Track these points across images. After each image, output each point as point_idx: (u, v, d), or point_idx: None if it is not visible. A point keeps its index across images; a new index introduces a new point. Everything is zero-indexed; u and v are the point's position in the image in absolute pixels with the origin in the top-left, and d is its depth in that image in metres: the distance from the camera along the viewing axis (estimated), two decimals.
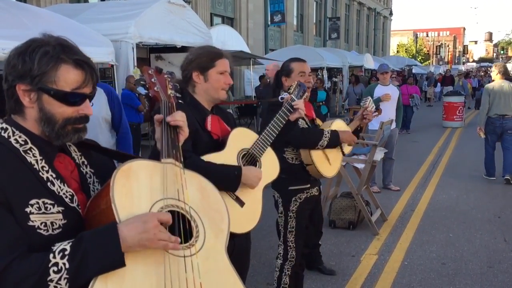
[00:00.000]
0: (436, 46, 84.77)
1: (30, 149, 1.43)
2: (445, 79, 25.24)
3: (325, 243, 4.88)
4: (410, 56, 61.13)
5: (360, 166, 6.01)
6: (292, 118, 2.69)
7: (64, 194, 1.45)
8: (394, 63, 30.46)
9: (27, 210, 1.35)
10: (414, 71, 33.34)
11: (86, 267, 1.30)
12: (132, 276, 1.37)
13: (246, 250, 2.65)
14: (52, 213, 1.40)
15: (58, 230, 1.40)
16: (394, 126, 7.25)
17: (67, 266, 1.29)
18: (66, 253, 1.31)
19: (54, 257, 1.30)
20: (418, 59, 61.12)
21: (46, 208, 1.39)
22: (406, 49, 71.85)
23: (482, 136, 8.15)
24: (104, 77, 8.41)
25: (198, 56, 2.47)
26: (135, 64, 8.55)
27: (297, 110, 2.68)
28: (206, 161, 2.26)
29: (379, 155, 6.07)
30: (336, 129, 3.49)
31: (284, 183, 3.33)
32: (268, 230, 4.87)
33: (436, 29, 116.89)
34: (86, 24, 8.16)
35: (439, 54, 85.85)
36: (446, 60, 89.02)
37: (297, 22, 29.53)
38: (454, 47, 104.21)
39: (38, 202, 1.38)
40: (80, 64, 1.46)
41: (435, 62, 75.02)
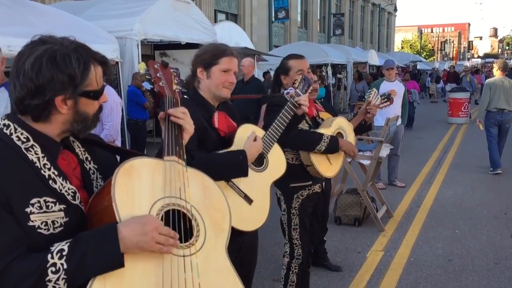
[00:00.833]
0: (441, 42, 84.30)
1: (32, 146, 1.42)
2: (449, 76, 24.60)
3: (330, 240, 4.87)
4: (415, 52, 60.79)
5: (365, 162, 6.00)
6: (299, 113, 2.67)
7: (66, 191, 1.44)
8: (399, 59, 30.27)
9: (28, 210, 1.35)
10: (418, 67, 33.17)
11: (85, 268, 1.30)
12: (130, 276, 1.37)
13: (254, 247, 2.65)
14: (53, 211, 1.39)
15: (59, 229, 1.40)
16: (399, 122, 7.23)
17: (65, 266, 1.29)
18: (64, 253, 1.30)
19: (52, 257, 1.30)
20: (423, 55, 60.86)
21: (47, 206, 1.39)
22: (410, 45, 71.54)
23: (481, 128, 8.49)
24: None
25: (204, 52, 2.45)
26: (140, 61, 8.55)
27: (301, 106, 2.66)
28: (209, 153, 2.24)
29: (385, 152, 6.05)
30: (337, 126, 3.45)
31: (285, 181, 3.30)
32: (273, 227, 4.86)
33: (441, 25, 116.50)
34: (91, 21, 8.16)
35: (444, 50, 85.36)
36: (451, 56, 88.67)
37: (301, 18, 29.45)
38: (459, 43, 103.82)
39: (39, 201, 1.37)
40: (102, 61, 1.51)
41: (440, 58, 74.65)
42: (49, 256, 1.30)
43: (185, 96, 1.89)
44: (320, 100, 4.01)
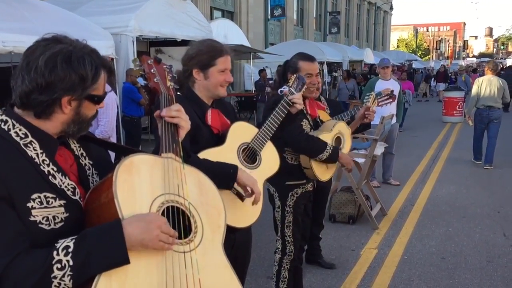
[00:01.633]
0: (436, 41, 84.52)
1: (31, 142, 1.43)
2: (439, 75, 24.27)
3: (325, 237, 4.89)
4: (410, 51, 60.99)
5: (360, 160, 6.01)
6: (292, 111, 2.68)
7: (66, 187, 1.45)
8: (394, 58, 30.36)
9: (29, 205, 1.35)
10: (414, 66, 33.23)
11: (90, 265, 1.31)
12: (135, 272, 1.38)
13: (247, 244, 2.65)
14: (54, 207, 1.40)
15: (60, 224, 1.40)
16: (394, 121, 7.25)
17: (71, 263, 1.30)
18: (70, 250, 1.31)
19: (58, 254, 1.31)
20: (418, 54, 60.96)
21: (48, 202, 1.39)
22: (406, 44, 71.68)
23: (471, 124, 9.05)
24: None
25: (198, 53, 2.40)
26: (135, 57, 8.53)
27: (295, 104, 2.67)
28: (202, 158, 2.23)
29: (380, 150, 6.07)
30: (338, 131, 3.48)
31: (281, 178, 3.33)
32: (267, 224, 4.86)
33: (436, 24, 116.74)
34: (86, 17, 8.14)
35: (439, 49, 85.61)
36: (446, 55, 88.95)
37: (297, 16, 29.42)
38: (454, 42, 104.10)
39: (40, 196, 1.38)
40: (110, 70, 1.54)
41: (435, 57, 74.82)
42: (54, 252, 1.31)
43: (178, 93, 1.88)
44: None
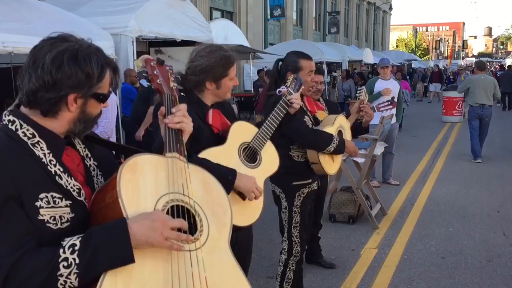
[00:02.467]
0: (435, 41, 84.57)
1: (38, 142, 1.44)
2: (433, 75, 23.85)
3: (325, 237, 4.89)
4: (410, 51, 60.99)
5: (360, 160, 6.01)
6: (291, 111, 2.69)
7: (71, 187, 1.46)
8: (394, 58, 30.32)
9: (37, 204, 1.36)
10: (413, 66, 33.22)
11: (96, 263, 1.32)
12: (140, 271, 1.39)
13: (248, 243, 2.66)
14: (60, 207, 1.41)
15: (66, 224, 1.41)
16: (394, 120, 7.25)
17: (77, 261, 1.31)
18: (76, 248, 1.32)
19: (64, 252, 1.31)
20: (418, 54, 61.00)
21: (54, 202, 1.40)
22: (405, 43, 71.73)
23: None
24: None
25: (212, 65, 2.38)
26: (135, 58, 8.52)
27: (293, 104, 2.68)
28: (201, 160, 2.23)
29: (380, 150, 6.08)
30: (339, 124, 3.51)
31: (287, 179, 3.35)
32: (268, 224, 4.88)
33: (435, 23, 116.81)
34: (85, 17, 8.12)
35: (439, 49, 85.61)
36: (445, 55, 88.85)
37: (296, 16, 29.41)
38: (454, 42, 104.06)
39: (47, 196, 1.39)
40: (115, 69, 1.55)
41: (435, 57, 74.85)
42: (61, 250, 1.32)
43: (182, 93, 1.89)
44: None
